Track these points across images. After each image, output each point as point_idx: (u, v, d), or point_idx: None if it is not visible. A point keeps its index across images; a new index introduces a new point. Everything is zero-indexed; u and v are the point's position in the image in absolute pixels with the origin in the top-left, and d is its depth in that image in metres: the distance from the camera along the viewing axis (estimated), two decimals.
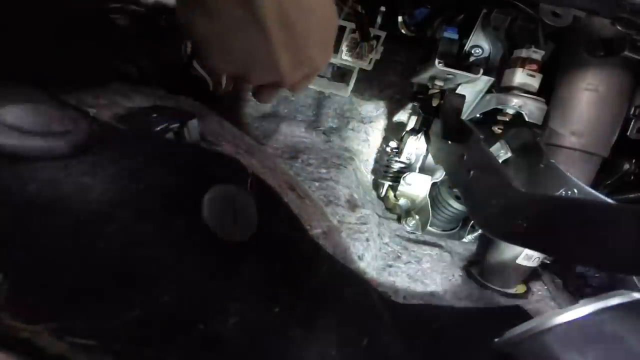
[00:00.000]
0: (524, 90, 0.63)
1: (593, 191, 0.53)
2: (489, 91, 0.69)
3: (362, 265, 0.61)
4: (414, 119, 0.83)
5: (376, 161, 0.92)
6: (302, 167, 0.73)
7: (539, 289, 0.74)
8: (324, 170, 0.73)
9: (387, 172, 0.84)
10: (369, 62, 0.72)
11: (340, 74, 0.86)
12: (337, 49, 0.73)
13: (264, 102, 0.38)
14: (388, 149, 0.87)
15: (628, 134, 0.61)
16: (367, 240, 0.64)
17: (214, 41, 0.30)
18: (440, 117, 0.68)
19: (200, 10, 0.29)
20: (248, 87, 0.84)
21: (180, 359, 0.21)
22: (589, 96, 0.59)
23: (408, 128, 0.83)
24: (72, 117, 0.27)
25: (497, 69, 0.69)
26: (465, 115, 0.72)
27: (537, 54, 0.62)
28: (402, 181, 0.79)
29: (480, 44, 0.68)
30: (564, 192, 0.56)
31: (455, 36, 0.68)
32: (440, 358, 0.51)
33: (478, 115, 0.73)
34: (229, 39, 0.30)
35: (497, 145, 0.71)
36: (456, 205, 0.75)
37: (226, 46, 0.30)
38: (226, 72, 0.33)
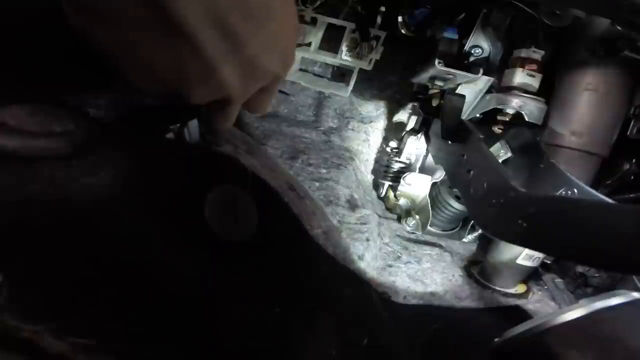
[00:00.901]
0: (523, 90, 0.63)
1: (593, 191, 0.53)
2: (488, 91, 0.69)
3: (362, 265, 0.61)
4: (414, 119, 0.83)
5: (376, 161, 0.92)
6: (302, 167, 0.72)
7: (539, 289, 0.74)
8: (324, 170, 0.73)
9: (387, 172, 0.84)
10: (369, 62, 0.73)
11: (340, 74, 0.86)
12: (337, 49, 0.73)
13: (219, 126, 0.31)
14: (388, 149, 0.87)
15: (628, 134, 0.61)
16: (367, 240, 0.64)
17: (123, 54, 0.24)
18: (440, 117, 0.68)
19: (91, 13, 0.22)
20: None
21: (181, 358, 0.21)
22: (589, 96, 0.59)
23: (408, 128, 0.83)
24: (73, 117, 0.27)
25: (497, 69, 0.69)
26: (465, 115, 0.72)
27: (537, 54, 0.62)
28: (402, 181, 0.79)
29: (480, 43, 0.68)
30: (564, 192, 0.56)
31: (455, 36, 0.68)
32: (440, 358, 0.51)
33: (478, 115, 0.73)
34: (144, 51, 0.23)
35: (497, 145, 0.71)
36: (456, 205, 0.75)
37: (143, 60, 0.24)
38: (154, 90, 0.27)
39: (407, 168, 0.82)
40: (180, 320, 0.23)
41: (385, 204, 0.86)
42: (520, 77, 0.62)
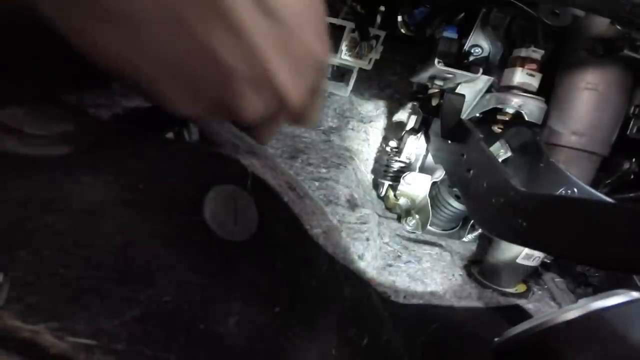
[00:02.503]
0: (523, 89, 0.63)
1: (593, 190, 0.53)
2: (488, 90, 0.69)
3: (363, 264, 0.61)
4: (413, 118, 0.83)
5: (376, 161, 0.92)
6: (302, 166, 0.73)
7: (539, 288, 0.74)
8: (324, 170, 0.73)
9: (387, 171, 0.84)
10: (369, 62, 0.73)
11: (340, 74, 0.86)
12: (336, 49, 0.73)
13: (265, 141, 0.28)
14: (388, 149, 0.87)
15: (628, 133, 0.61)
16: (367, 239, 0.64)
17: (151, 74, 0.19)
18: (440, 117, 0.68)
19: (96, 17, 0.17)
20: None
21: (181, 358, 0.21)
22: (588, 95, 0.59)
23: (408, 127, 0.83)
24: (72, 117, 0.27)
25: (496, 69, 0.69)
26: (464, 115, 0.72)
27: (537, 53, 0.62)
28: (402, 181, 0.79)
29: (479, 43, 0.68)
30: (563, 191, 0.56)
31: (455, 35, 0.68)
32: (440, 358, 0.51)
33: (478, 115, 0.73)
34: (181, 61, 0.19)
35: (497, 144, 0.71)
36: (456, 204, 0.75)
37: (179, 75, 0.19)
38: (198, 114, 0.22)
39: (407, 167, 0.82)
40: (180, 319, 0.23)
41: (385, 203, 0.86)
42: (520, 76, 0.62)
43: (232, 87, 0.20)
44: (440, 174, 0.78)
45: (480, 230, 0.80)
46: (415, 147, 0.81)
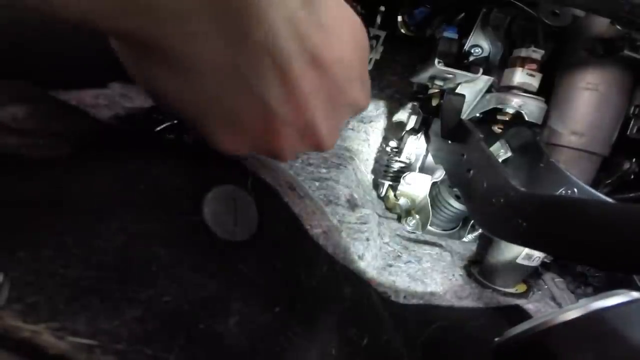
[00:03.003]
0: (523, 89, 0.63)
1: (593, 190, 0.53)
2: (488, 91, 0.69)
3: (363, 264, 0.61)
4: (413, 118, 0.83)
5: (376, 161, 0.92)
6: (302, 166, 0.72)
7: (539, 288, 0.74)
8: (324, 170, 0.73)
9: (387, 171, 0.84)
10: (369, 62, 0.72)
11: None
12: None
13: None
14: (388, 149, 0.87)
15: (628, 133, 0.61)
16: (368, 239, 0.64)
17: (206, 112, 0.21)
18: (440, 117, 0.68)
19: (163, 65, 0.18)
20: None
21: (181, 358, 0.21)
22: (589, 95, 0.59)
23: (408, 128, 0.83)
24: (72, 117, 0.27)
25: (496, 69, 0.69)
26: (464, 115, 0.72)
27: (537, 54, 0.62)
28: (402, 181, 0.79)
29: (479, 43, 0.68)
30: (564, 192, 0.56)
31: (455, 36, 0.68)
32: (440, 358, 0.51)
33: (478, 115, 0.73)
34: (232, 105, 0.20)
35: (497, 144, 0.71)
36: (456, 204, 0.75)
37: (229, 117, 0.21)
38: (241, 152, 0.24)
39: (407, 167, 0.82)
40: (180, 319, 0.23)
41: (385, 203, 0.86)
42: (520, 76, 0.62)
43: (276, 130, 0.22)
44: (440, 174, 0.78)
45: (480, 231, 0.80)
46: (415, 147, 0.81)
